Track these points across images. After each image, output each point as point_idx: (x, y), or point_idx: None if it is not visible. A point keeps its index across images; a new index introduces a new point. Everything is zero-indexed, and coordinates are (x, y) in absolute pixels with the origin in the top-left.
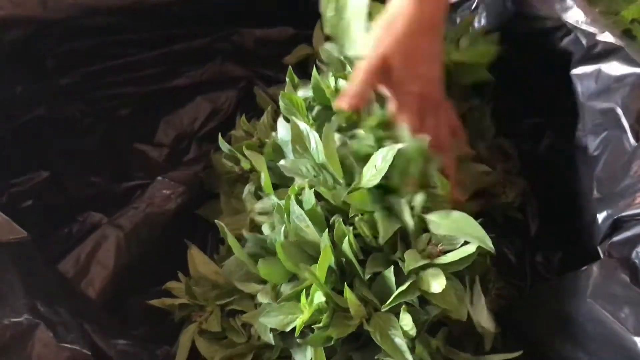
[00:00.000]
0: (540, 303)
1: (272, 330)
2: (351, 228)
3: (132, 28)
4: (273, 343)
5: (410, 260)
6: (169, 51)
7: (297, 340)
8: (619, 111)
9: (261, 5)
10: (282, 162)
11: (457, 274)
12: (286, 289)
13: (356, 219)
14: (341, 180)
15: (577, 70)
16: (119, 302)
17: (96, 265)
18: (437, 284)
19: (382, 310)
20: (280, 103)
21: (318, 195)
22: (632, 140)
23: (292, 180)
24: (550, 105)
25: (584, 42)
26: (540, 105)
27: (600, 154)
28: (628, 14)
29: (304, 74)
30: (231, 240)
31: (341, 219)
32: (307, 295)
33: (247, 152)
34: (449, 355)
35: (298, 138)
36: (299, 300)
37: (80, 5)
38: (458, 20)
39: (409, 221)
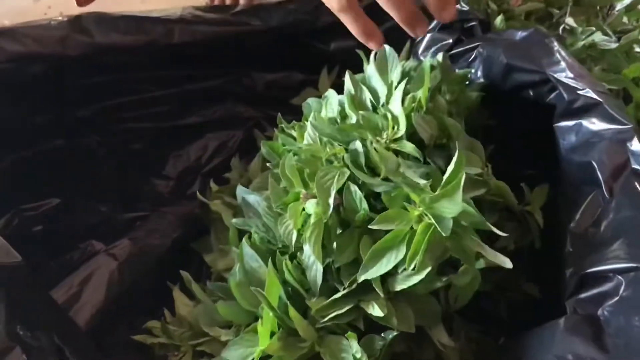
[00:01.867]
0: (511, 357)
1: None
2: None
3: (147, 66)
4: None
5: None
6: (182, 90)
7: None
8: (595, 166)
9: (272, 50)
10: (234, 220)
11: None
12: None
13: None
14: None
15: (559, 124)
16: (106, 331)
17: (88, 293)
18: (378, 307)
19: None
20: (262, 149)
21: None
22: (606, 196)
23: None
24: (542, 158)
25: (566, 96)
26: (534, 157)
27: (576, 208)
28: (629, 73)
29: None
30: (194, 286)
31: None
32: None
33: (214, 204)
34: None
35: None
36: (257, 333)
37: (97, 44)
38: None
39: None
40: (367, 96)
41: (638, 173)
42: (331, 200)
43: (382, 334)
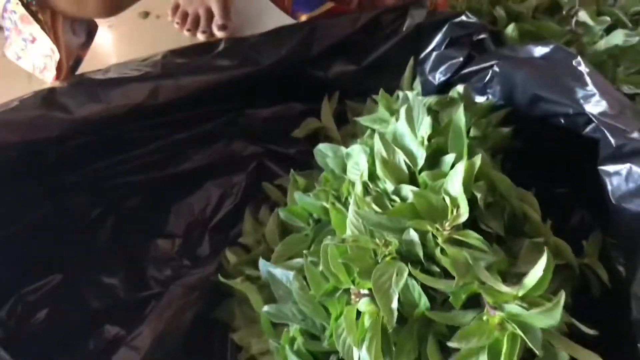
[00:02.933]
0: None
1: None
2: None
3: (132, 127)
4: None
5: None
6: (173, 140)
7: None
8: None
9: (266, 87)
10: (265, 308)
11: None
12: None
13: None
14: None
15: (606, 167)
16: None
17: None
18: None
19: None
20: (280, 214)
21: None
22: None
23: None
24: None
25: (611, 139)
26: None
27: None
28: None
29: (314, 145)
30: None
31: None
32: None
33: (237, 284)
34: None
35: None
36: None
37: (76, 120)
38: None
39: None
40: (402, 158)
41: None
42: (394, 305)
43: None
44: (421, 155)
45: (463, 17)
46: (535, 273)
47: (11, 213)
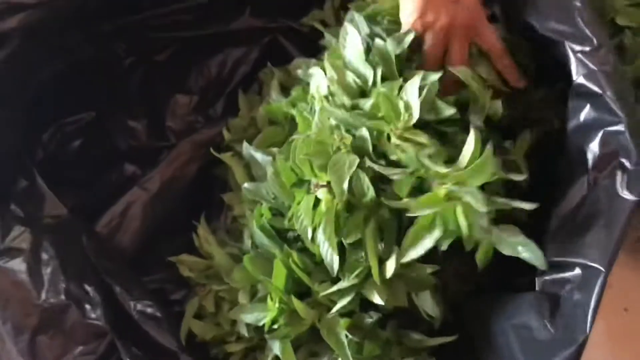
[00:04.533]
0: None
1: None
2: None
3: None
4: (247, 335)
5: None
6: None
7: (266, 335)
8: (587, 153)
9: None
10: (245, 185)
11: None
12: (261, 290)
13: None
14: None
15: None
16: (147, 252)
17: (127, 222)
18: (377, 295)
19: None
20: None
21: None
22: (591, 184)
23: None
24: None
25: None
26: None
27: (566, 190)
28: None
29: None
30: (213, 248)
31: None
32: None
33: (226, 157)
34: (399, 339)
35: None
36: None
37: None
38: None
39: None
40: (353, 78)
41: (623, 166)
42: (345, 186)
43: (371, 313)
44: (370, 74)
45: None
46: (468, 149)
47: (58, 54)
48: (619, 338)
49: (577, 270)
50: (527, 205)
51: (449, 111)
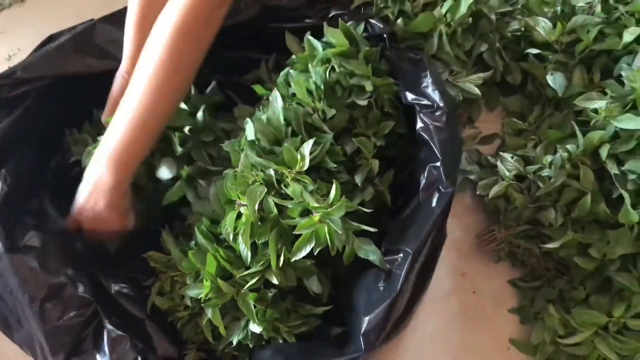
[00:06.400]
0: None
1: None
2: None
3: None
4: (190, 305)
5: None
6: None
7: (202, 304)
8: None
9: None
10: (194, 202)
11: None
12: (201, 274)
13: None
14: None
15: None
16: (123, 254)
17: None
18: (275, 278)
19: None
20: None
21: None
22: (420, 199)
23: None
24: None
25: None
26: None
27: (411, 196)
28: None
29: None
30: (171, 246)
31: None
32: (206, 280)
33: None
34: (295, 309)
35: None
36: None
37: None
38: None
39: None
40: (272, 132)
41: (439, 189)
42: (256, 207)
43: (272, 290)
44: (283, 129)
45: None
46: (331, 195)
47: (62, 106)
48: (468, 313)
49: (400, 254)
50: (371, 229)
51: (332, 165)
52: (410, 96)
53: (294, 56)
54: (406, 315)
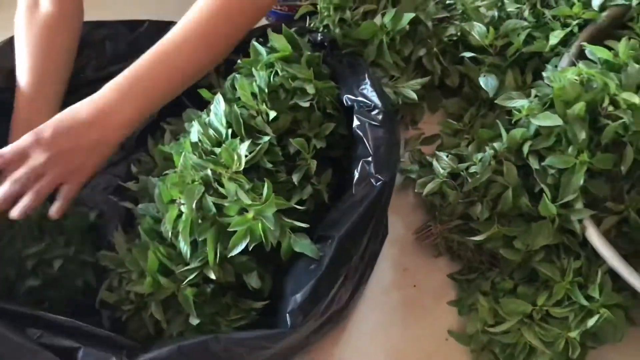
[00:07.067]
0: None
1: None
2: None
3: None
4: (135, 300)
5: None
6: None
7: (145, 299)
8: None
9: None
10: (140, 205)
11: None
12: (144, 271)
13: None
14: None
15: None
16: None
17: None
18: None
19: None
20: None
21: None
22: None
23: None
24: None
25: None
26: None
27: (347, 190)
28: None
29: None
30: (121, 246)
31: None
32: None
33: (131, 185)
34: (236, 304)
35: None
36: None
37: None
38: None
39: None
40: (213, 134)
41: (370, 183)
42: (194, 206)
43: (210, 285)
44: (224, 131)
45: None
46: (264, 192)
47: None
48: (408, 306)
49: (330, 240)
50: (304, 225)
51: (269, 165)
52: (350, 98)
53: (239, 61)
54: (329, 290)
